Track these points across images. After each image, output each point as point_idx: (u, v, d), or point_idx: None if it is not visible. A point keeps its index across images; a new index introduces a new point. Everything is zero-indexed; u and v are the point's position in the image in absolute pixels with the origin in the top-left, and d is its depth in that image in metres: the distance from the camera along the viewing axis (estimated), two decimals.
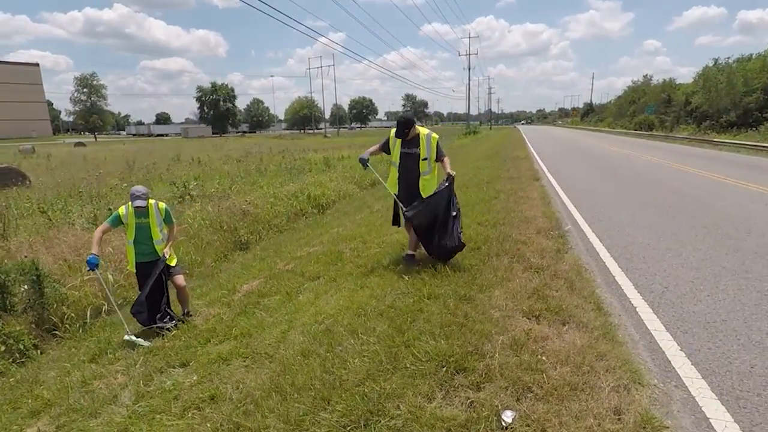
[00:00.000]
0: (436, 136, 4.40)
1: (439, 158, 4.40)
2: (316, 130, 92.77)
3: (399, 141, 4.38)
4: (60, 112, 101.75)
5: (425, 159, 4.36)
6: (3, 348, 4.81)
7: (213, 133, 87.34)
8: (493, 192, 8.56)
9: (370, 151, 4.70)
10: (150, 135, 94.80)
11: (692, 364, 2.66)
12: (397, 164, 4.47)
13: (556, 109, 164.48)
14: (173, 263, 4.65)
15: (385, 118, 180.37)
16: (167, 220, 4.56)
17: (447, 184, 4.28)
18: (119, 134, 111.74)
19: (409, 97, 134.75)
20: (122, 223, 4.46)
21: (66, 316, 5.44)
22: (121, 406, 3.09)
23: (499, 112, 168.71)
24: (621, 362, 2.54)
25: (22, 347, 4.93)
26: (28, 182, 17.00)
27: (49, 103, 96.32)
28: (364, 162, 4.57)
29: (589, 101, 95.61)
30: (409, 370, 2.64)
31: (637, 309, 3.45)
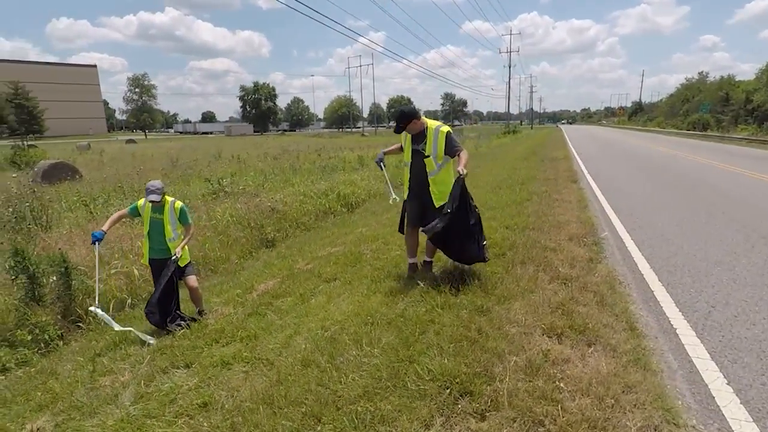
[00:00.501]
0: (446, 129, 3.92)
1: (452, 154, 3.90)
2: (354, 129, 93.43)
3: (409, 138, 4.07)
4: (115, 110, 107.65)
5: (428, 156, 3.92)
6: (30, 337, 4.94)
7: (254, 132, 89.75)
8: (526, 194, 8.12)
9: (385, 150, 4.46)
10: (195, 133, 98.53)
11: (741, 403, 2.27)
12: (409, 164, 4.17)
13: (602, 108, 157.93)
14: (184, 263, 4.58)
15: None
16: (182, 220, 4.50)
17: (458, 186, 3.82)
18: (167, 132, 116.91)
19: (447, 96, 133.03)
20: (139, 215, 4.47)
21: (87, 308, 5.55)
22: (119, 406, 3.03)
23: (542, 111, 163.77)
24: (653, 396, 2.19)
25: (47, 337, 5.05)
26: (79, 177, 17.87)
27: (105, 103, 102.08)
28: (378, 162, 4.35)
29: (637, 100, 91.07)
30: (409, 390, 2.40)
31: (678, 331, 3.04)
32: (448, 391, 2.34)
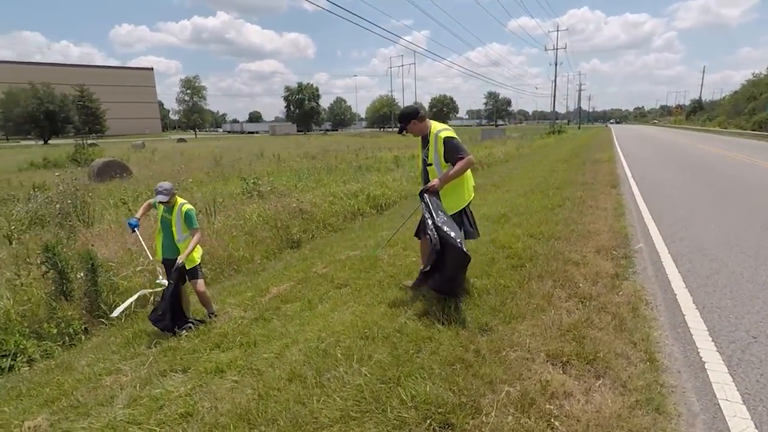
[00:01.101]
0: (444, 134, 3.50)
1: (452, 161, 3.46)
2: (395, 128, 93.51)
3: (420, 143, 3.85)
4: (169, 111, 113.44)
5: (431, 165, 3.66)
6: (55, 330, 5.15)
7: (297, 131, 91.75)
8: (559, 199, 7.67)
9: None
10: (242, 132, 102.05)
11: None
12: (422, 171, 3.95)
13: (657, 107, 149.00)
14: (191, 266, 4.59)
15: (466, 116, 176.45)
16: (187, 223, 4.49)
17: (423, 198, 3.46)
18: (216, 131, 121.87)
19: (491, 95, 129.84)
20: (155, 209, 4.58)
21: (115, 304, 5.73)
22: (111, 409, 3.04)
23: (590, 110, 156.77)
24: None
25: (72, 331, 5.25)
26: (129, 174, 18.79)
27: (161, 104, 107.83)
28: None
29: (697, 97, 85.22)
30: (388, 417, 2.22)
31: (707, 365, 2.67)
32: (428, 422, 2.15)
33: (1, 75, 69.31)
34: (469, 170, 3.69)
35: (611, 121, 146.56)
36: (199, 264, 4.70)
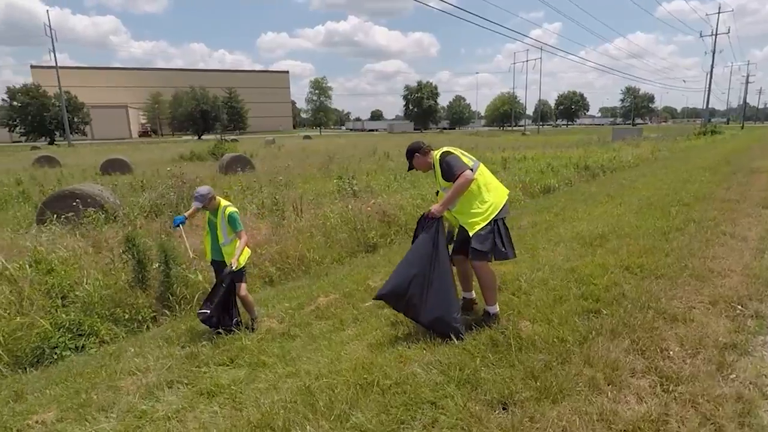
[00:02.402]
0: (437, 154, 3.36)
1: (449, 179, 3.20)
2: (515, 127, 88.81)
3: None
4: (300, 110, 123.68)
5: (438, 192, 3.54)
6: (127, 316, 5.54)
7: (414, 129, 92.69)
8: (682, 220, 6.07)
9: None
10: (363, 130, 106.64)
11: None
12: None
13: None
14: (237, 268, 4.49)
15: (598, 114, 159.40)
16: (232, 226, 4.41)
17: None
18: (340, 129, 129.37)
19: (629, 91, 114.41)
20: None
21: (182, 297, 6.02)
22: (106, 417, 2.99)
23: (763, 105, 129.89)
24: None
25: (140, 318, 5.62)
26: (252, 168, 20.47)
27: (293, 103, 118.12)
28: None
29: None
30: None
31: None
32: None
33: (172, 80, 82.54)
34: (494, 179, 3.36)
35: None
36: (244, 267, 4.59)
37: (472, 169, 3.14)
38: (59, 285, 5.56)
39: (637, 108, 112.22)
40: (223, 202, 4.52)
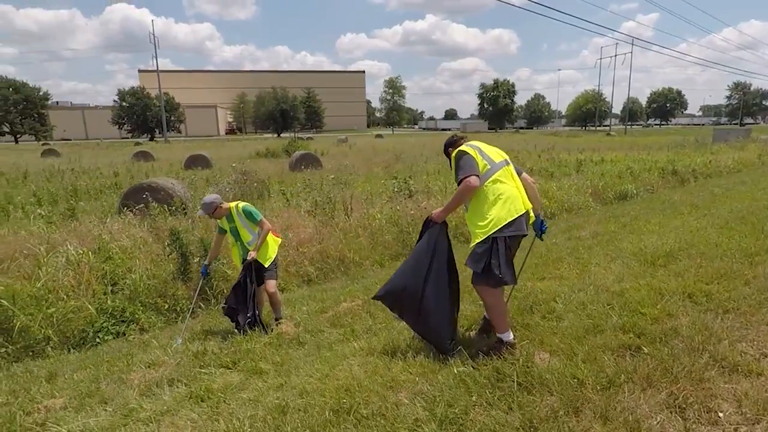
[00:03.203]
0: (455, 153, 2.94)
1: (457, 183, 2.86)
2: (599, 127, 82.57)
3: None
4: (374, 109, 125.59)
5: None
6: (166, 306, 5.79)
7: (489, 129, 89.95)
8: None
9: None
10: (436, 129, 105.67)
11: None
12: None
13: None
14: (267, 263, 4.42)
15: (699, 113, 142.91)
16: (251, 219, 4.36)
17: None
18: (413, 128, 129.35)
19: (737, 86, 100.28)
20: (225, 231, 4.53)
21: (219, 291, 6.17)
22: (103, 410, 3.04)
23: None
24: None
25: (179, 309, 5.84)
26: (320, 166, 20.98)
27: (368, 102, 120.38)
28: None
29: None
30: None
31: None
32: None
33: (256, 81, 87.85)
34: (510, 189, 2.82)
35: None
36: (275, 263, 4.50)
37: (479, 175, 2.73)
38: (112, 272, 5.93)
39: (747, 106, 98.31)
40: (231, 204, 4.48)
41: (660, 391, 2.30)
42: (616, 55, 66.57)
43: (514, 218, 2.69)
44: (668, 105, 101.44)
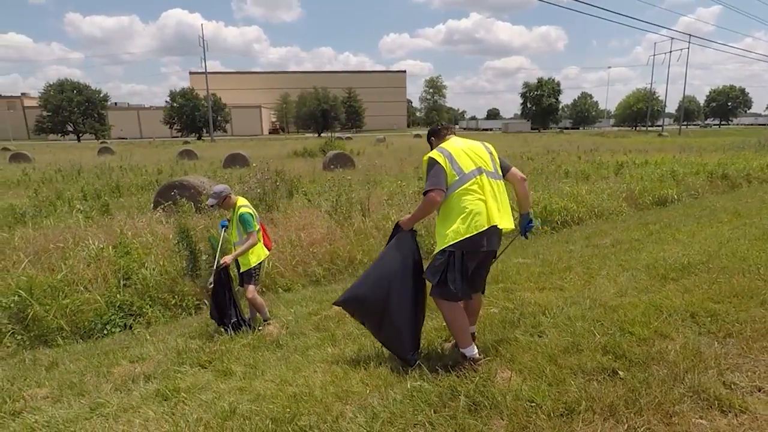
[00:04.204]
0: (426, 158, 2.75)
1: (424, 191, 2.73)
2: (651, 127, 78.06)
3: None
4: (415, 109, 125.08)
5: None
6: (173, 302, 5.97)
7: (531, 129, 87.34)
8: None
9: None
10: (477, 129, 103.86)
11: None
12: None
13: None
14: (245, 269, 4.45)
15: (766, 111, 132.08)
16: (243, 226, 4.34)
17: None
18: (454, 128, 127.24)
19: None
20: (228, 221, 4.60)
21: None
22: (77, 403, 3.13)
23: None
24: None
25: (185, 305, 6.00)
26: (353, 165, 21.06)
27: (409, 102, 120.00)
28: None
29: None
30: None
31: None
32: None
33: (300, 82, 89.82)
34: (476, 203, 2.60)
35: None
36: (253, 269, 4.51)
37: (445, 189, 2.58)
38: (126, 267, 6.18)
39: None
40: (240, 202, 4.50)
41: (621, 423, 2.08)
42: (671, 51, 62.57)
43: (472, 234, 2.52)
44: (729, 104, 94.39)
